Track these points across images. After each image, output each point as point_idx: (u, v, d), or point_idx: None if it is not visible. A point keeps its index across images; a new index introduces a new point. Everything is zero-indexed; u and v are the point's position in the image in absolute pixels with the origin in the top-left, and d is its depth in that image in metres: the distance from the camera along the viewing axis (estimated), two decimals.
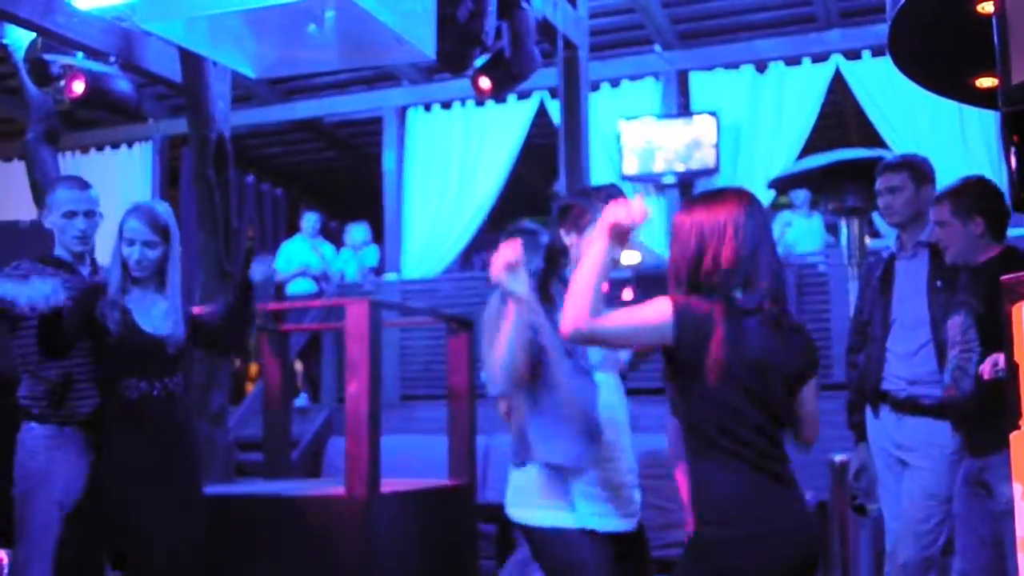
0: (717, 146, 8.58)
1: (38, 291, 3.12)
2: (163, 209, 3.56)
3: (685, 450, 2.40)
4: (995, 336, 2.95)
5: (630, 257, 2.59)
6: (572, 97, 6.44)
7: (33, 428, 3.48)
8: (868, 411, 3.80)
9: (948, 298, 3.53)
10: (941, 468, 3.57)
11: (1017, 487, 2.70)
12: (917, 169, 3.78)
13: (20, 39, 5.97)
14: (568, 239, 2.90)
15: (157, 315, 3.47)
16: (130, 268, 3.44)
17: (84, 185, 3.69)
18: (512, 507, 2.86)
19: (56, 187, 3.69)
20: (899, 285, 3.74)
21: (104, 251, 3.66)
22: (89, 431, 3.48)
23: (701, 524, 2.33)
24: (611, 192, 2.91)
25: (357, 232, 9.84)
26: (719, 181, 8.69)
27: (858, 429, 3.87)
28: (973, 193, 3.48)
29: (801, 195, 8.63)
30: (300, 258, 9.54)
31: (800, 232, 8.61)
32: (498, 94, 5.95)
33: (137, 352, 3.41)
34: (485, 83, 5.65)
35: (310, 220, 9.80)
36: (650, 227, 8.55)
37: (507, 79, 5.63)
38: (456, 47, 4.82)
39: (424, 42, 3.84)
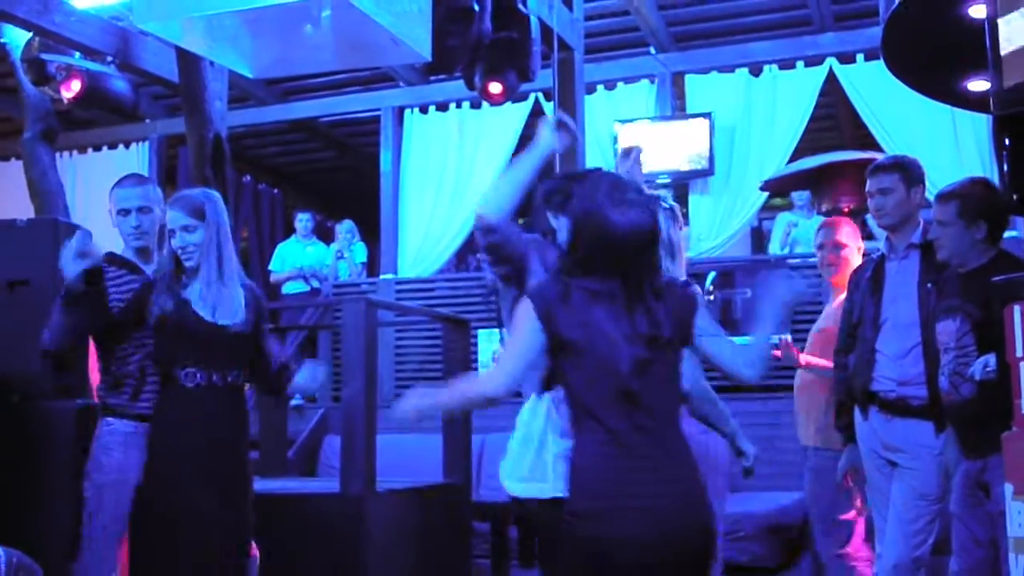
0: (711, 148, 8.61)
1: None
2: (200, 193, 3.53)
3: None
4: (992, 340, 2.96)
5: None
6: (567, 99, 6.46)
7: (110, 424, 3.48)
8: (857, 413, 3.80)
9: (936, 300, 3.54)
10: (930, 468, 3.58)
11: (1008, 487, 2.72)
12: (908, 170, 3.78)
13: (17, 39, 6.00)
14: (556, 222, 2.92)
15: (221, 304, 3.40)
16: (180, 258, 3.40)
17: (140, 182, 3.72)
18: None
19: (112, 187, 3.70)
20: (889, 286, 3.74)
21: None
22: None
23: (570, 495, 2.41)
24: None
25: (343, 229, 9.88)
26: (713, 183, 8.73)
27: (846, 431, 3.88)
28: (980, 196, 3.45)
29: (803, 196, 8.68)
30: (294, 258, 9.56)
31: (803, 232, 8.66)
32: (508, 99, 5.94)
33: (194, 340, 3.34)
34: (496, 88, 5.65)
35: (303, 220, 9.82)
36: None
37: (516, 82, 5.63)
38: (454, 49, 4.85)
39: (420, 43, 3.87)
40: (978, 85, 3.72)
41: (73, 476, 3.76)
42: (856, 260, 4.27)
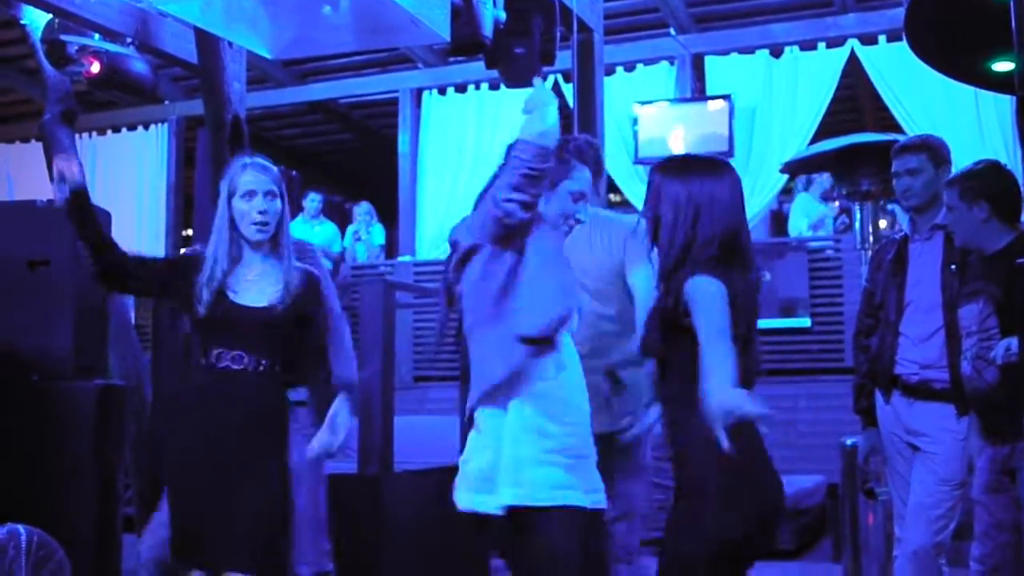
0: (731, 130, 8.57)
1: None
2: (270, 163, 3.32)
3: None
4: (1014, 324, 2.95)
5: None
6: (587, 80, 6.42)
7: None
8: (878, 396, 3.77)
9: (960, 285, 3.51)
10: (953, 453, 3.54)
11: None
12: (935, 150, 3.73)
13: (37, 20, 6.00)
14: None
15: (258, 285, 3.15)
16: (249, 229, 3.12)
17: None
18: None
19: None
20: (913, 268, 3.70)
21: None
22: None
23: None
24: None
25: (361, 211, 9.88)
26: (733, 165, 8.70)
27: (865, 414, 3.83)
28: (981, 177, 3.46)
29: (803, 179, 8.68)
30: (301, 238, 9.58)
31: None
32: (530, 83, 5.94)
33: (224, 323, 3.10)
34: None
35: (314, 200, 9.81)
36: None
37: (541, 68, 5.62)
38: (473, 33, 4.82)
39: (439, 24, 3.85)
40: (1002, 66, 3.68)
41: (94, 456, 3.78)
42: None
